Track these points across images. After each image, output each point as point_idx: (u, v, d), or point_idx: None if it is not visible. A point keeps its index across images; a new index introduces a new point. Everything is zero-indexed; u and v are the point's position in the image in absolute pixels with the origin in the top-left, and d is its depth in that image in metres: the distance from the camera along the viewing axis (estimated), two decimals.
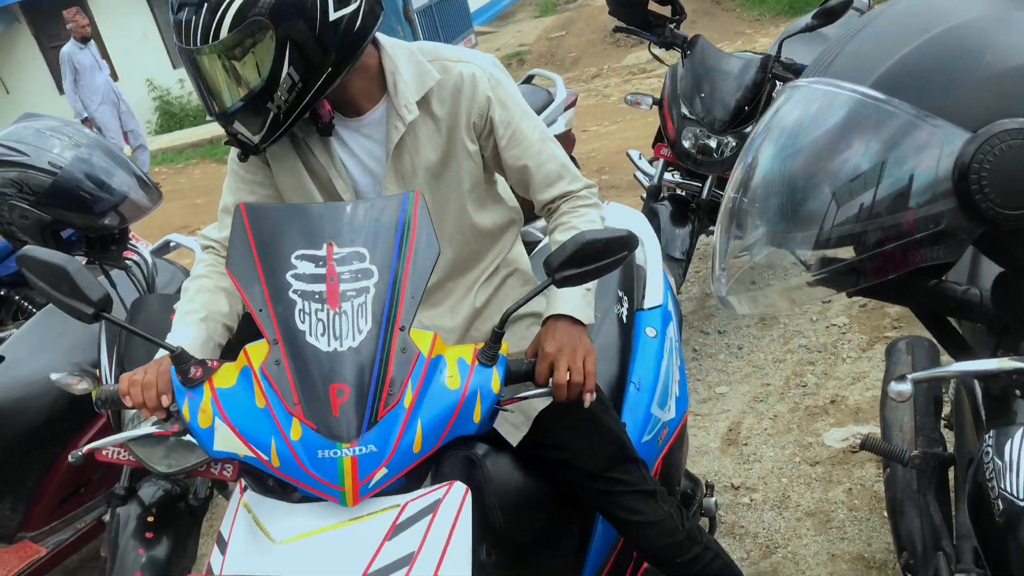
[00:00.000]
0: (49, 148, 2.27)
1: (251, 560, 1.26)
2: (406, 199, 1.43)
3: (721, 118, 3.59)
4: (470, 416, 1.34)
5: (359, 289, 1.34)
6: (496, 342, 1.38)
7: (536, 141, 1.69)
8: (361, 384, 1.28)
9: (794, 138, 1.09)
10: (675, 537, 1.79)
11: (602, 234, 1.36)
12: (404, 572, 1.20)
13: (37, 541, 2.95)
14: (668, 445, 2.14)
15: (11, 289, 4.59)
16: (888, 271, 0.99)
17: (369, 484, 1.26)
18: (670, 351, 2.25)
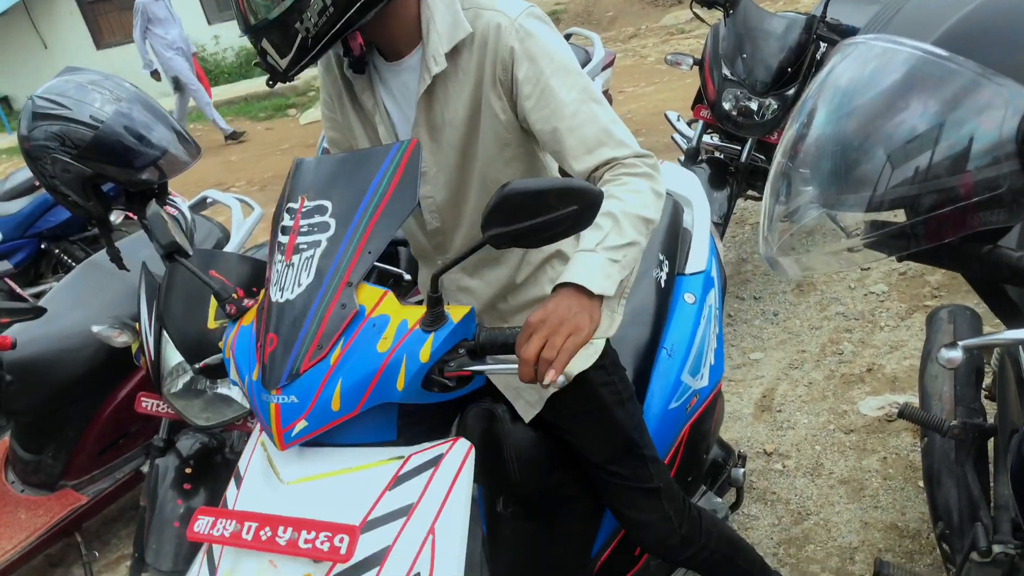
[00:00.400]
0: (90, 102, 2.26)
1: (261, 497, 1.30)
2: (396, 148, 1.38)
3: (763, 80, 3.53)
4: (393, 382, 1.28)
5: (310, 243, 1.34)
6: (433, 306, 1.29)
7: (571, 101, 1.46)
8: (289, 336, 1.28)
9: (849, 98, 1.05)
10: (668, 540, 1.77)
11: (529, 184, 1.21)
12: (402, 522, 1.22)
13: (78, 489, 3.03)
14: (698, 413, 2.13)
15: (51, 243, 4.67)
16: (943, 235, 0.96)
17: (291, 433, 1.27)
18: (708, 319, 2.21)
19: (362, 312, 1.31)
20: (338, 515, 1.22)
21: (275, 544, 1.18)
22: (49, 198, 4.48)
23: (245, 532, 1.21)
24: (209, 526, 1.24)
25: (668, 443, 2.03)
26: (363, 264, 1.32)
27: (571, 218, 1.22)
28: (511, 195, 1.21)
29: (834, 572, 2.36)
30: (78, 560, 3.02)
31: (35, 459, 3.02)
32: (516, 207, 1.21)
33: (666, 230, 2.28)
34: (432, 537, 1.23)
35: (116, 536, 3.23)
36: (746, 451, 2.92)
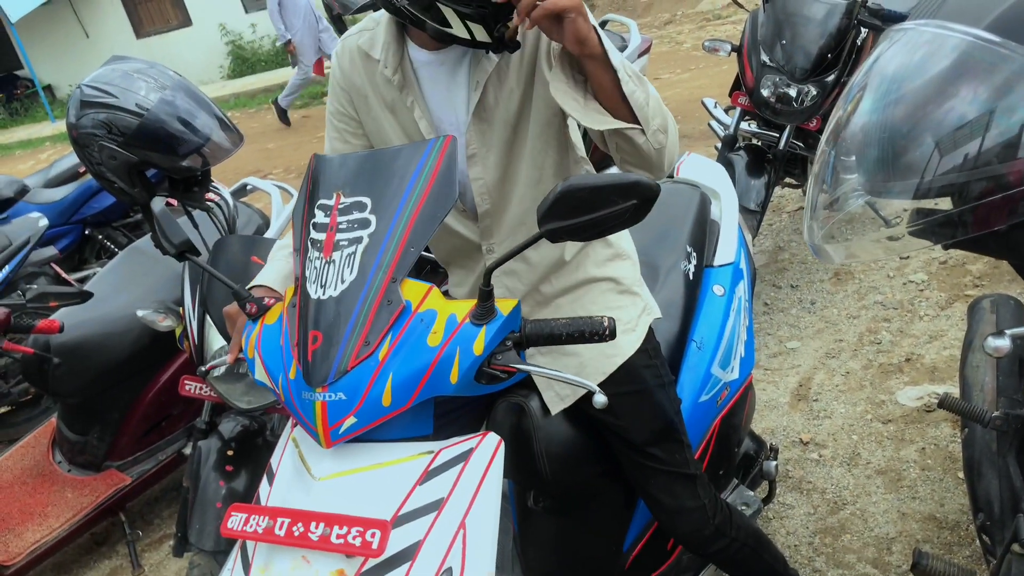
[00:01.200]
0: (136, 90, 2.31)
1: (293, 494, 1.30)
2: (432, 144, 1.39)
3: (802, 66, 3.48)
4: (446, 376, 1.28)
5: (352, 239, 1.34)
6: (484, 300, 1.30)
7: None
8: (335, 333, 1.28)
9: (897, 84, 1.05)
10: (702, 530, 1.75)
11: (589, 180, 1.21)
12: (433, 516, 1.22)
13: (122, 470, 3.11)
14: (728, 406, 2.11)
15: (95, 229, 4.76)
16: (991, 223, 0.95)
17: (339, 430, 1.27)
18: (737, 311, 2.20)
19: (408, 307, 1.31)
20: (369, 510, 1.23)
21: (307, 540, 1.19)
22: (93, 185, 4.57)
23: (278, 528, 1.22)
24: (242, 523, 1.25)
25: (699, 436, 2.02)
26: (406, 260, 1.31)
27: (629, 212, 1.22)
28: (572, 190, 1.20)
29: (871, 562, 2.35)
30: (122, 539, 3.10)
31: (81, 440, 3.10)
32: (576, 202, 1.21)
33: (694, 221, 2.27)
34: (463, 531, 1.24)
35: (159, 516, 3.30)
36: (782, 440, 2.91)
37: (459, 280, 1.81)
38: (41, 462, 3.15)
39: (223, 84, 14.74)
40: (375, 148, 1.71)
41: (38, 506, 2.97)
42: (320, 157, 1.47)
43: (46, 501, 2.99)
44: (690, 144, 6.13)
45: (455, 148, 1.38)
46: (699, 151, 5.93)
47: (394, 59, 1.57)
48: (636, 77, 1.38)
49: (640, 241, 2.02)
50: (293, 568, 1.22)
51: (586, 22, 1.29)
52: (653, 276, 2.10)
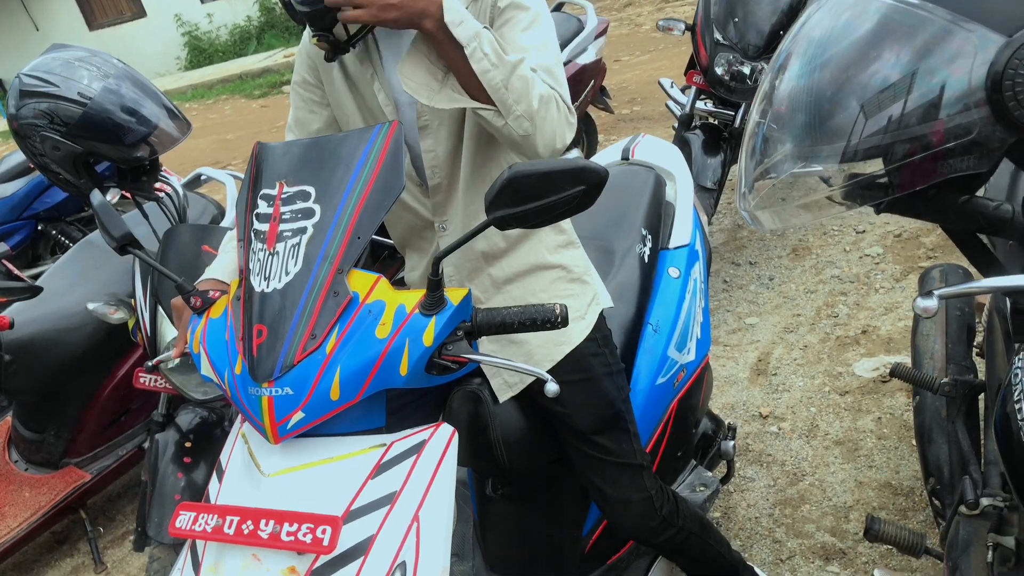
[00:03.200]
0: (78, 79, 2.27)
1: (243, 491, 1.28)
2: (377, 130, 1.36)
3: (755, 44, 3.51)
4: (396, 368, 1.26)
5: (296, 230, 1.31)
6: (434, 289, 1.28)
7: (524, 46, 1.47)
8: (280, 326, 1.25)
9: (822, 49, 1.05)
10: (649, 521, 1.73)
11: (537, 166, 1.19)
12: (386, 510, 1.21)
13: (81, 467, 3.07)
14: (685, 388, 2.11)
15: (48, 224, 4.68)
16: (916, 183, 0.96)
17: (287, 426, 1.24)
18: (693, 292, 2.19)
19: (356, 299, 1.28)
20: (320, 506, 1.20)
21: (257, 538, 1.17)
22: (44, 180, 4.48)
23: (227, 527, 1.19)
24: (191, 522, 1.22)
25: (656, 419, 2.02)
26: (353, 250, 1.29)
27: (577, 198, 1.21)
28: (519, 177, 1.18)
29: (829, 531, 2.39)
30: (83, 536, 3.06)
31: (38, 438, 3.05)
32: (524, 189, 1.19)
33: (649, 204, 2.25)
34: (417, 525, 1.22)
35: (121, 512, 3.27)
36: (741, 414, 2.95)
37: (413, 264, 1.80)
38: None
39: (180, 76, 14.54)
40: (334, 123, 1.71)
41: None
42: (263, 145, 1.45)
43: (3, 501, 2.95)
44: (650, 126, 6.15)
45: (401, 134, 1.36)
46: (658, 132, 5.96)
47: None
48: (498, 58, 1.35)
49: (595, 225, 2.02)
50: (244, 567, 1.20)
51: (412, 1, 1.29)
52: (608, 260, 2.09)
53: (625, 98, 6.89)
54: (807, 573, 2.27)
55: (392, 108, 1.59)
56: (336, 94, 1.65)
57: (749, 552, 2.38)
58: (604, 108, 5.08)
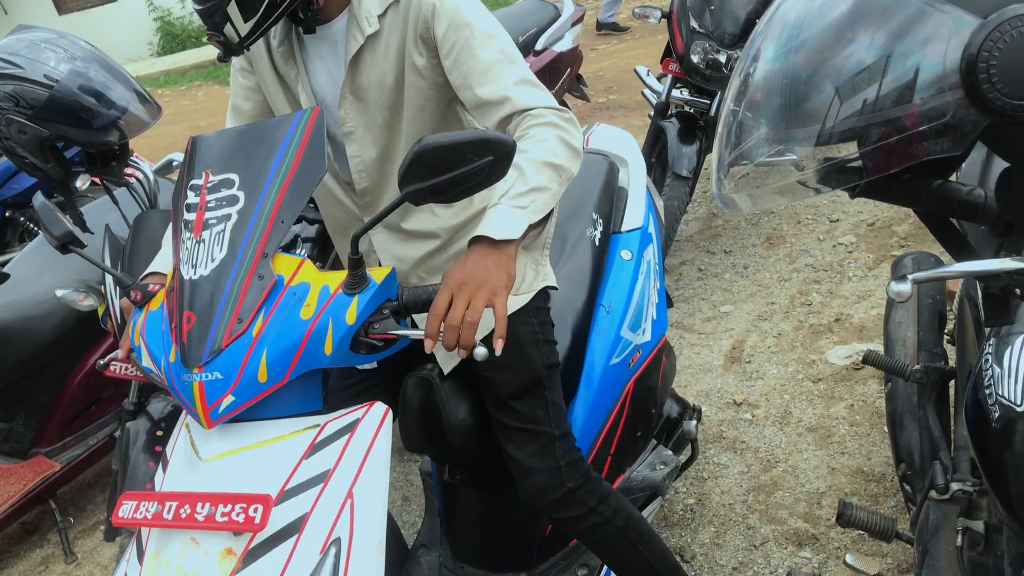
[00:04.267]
0: (45, 61, 2.22)
1: (183, 477, 1.31)
2: (299, 116, 1.38)
3: (731, 31, 3.51)
4: (320, 348, 1.28)
5: (221, 217, 1.33)
6: (355, 268, 1.30)
7: (486, 60, 1.49)
8: (207, 312, 1.28)
9: (797, 32, 1.05)
10: (550, 492, 1.67)
11: (444, 138, 1.21)
12: (319, 488, 1.23)
13: (51, 457, 3.02)
14: (642, 368, 2.12)
15: (15, 210, 4.60)
16: (890, 165, 0.96)
17: (218, 410, 1.27)
18: (647, 274, 2.20)
19: (281, 282, 1.30)
20: (256, 487, 1.23)
21: (194, 520, 1.19)
22: (11, 165, 4.39)
23: (166, 512, 1.21)
24: (133, 510, 1.25)
25: (612, 399, 2.03)
26: (277, 234, 1.31)
27: (487, 169, 1.22)
28: (427, 149, 1.20)
29: (802, 517, 2.41)
30: (54, 527, 3.02)
31: (6, 427, 3.01)
32: (433, 161, 1.21)
33: (601, 189, 2.27)
34: (351, 501, 1.24)
35: (92, 502, 3.23)
36: (716, 401, 2.96)
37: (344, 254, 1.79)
38: None
39: (152, 61, 14.33)
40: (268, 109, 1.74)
41: None
42: (195, 138, 1.47)
43: None
44: (626, 115, 6.15)
45: (323, 120, 1.38)
46: (635, 120, 5.97)
47: (282, 29, 1.61)
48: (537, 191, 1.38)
49: None
50: (183, 550, 1.22)
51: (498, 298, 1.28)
52: (560, 246, 2.11)
53: (601, 86, 6.88)
54: (780, 559, 2.29)
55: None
56: (266, 85, 1.69)
57: (723, 538, 2.39)
58: (580, 96, 5.08)
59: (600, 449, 2.01)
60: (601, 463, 2.03)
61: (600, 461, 2.02)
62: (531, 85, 1.50)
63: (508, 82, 1.48)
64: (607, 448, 2.03)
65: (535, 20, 4.55)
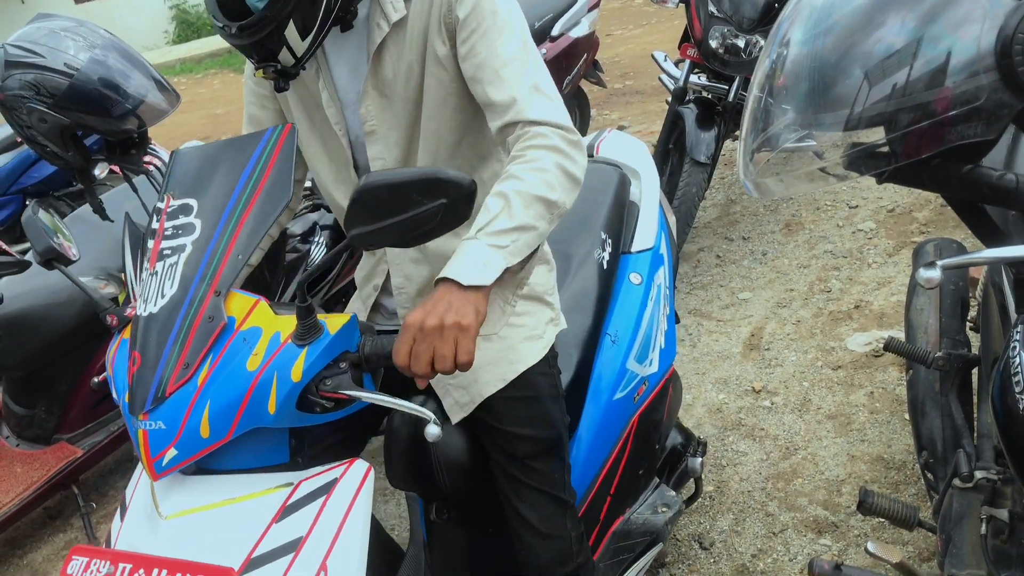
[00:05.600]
0: (64, 49, 2.24)
1: (141, 534, 1.19)
2: (269, 134, 1.26)
3: (750, 16, 3.47)
4: (264, 405, 1.13)
5: (175, 247, 1.21)
6: (304, 317, 1.14)
7: (501, 55, 1.34)
8: (153, 354, 1.15)
9: (825, 16, 1.04)
10: (564, 564, 1.59)
11: (389, 176, 1.07)
12: (290, 558, 1.10)
13: (73, 443, 3.05)
14: (647, 402, 1.99)
15: (36, 199, 4.63)
16: (921, 151, 0.95)
17: (161, 463, 1.14)
18: (656, 300, 2.07)
19: (231, 324, 1.17)
20: (219, 553, 1.10)
21: None
22: (31, 154, 4.43)
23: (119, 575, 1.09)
24: (82, 568, 1.12)
25: (614, 436, 1.90)
26: (232, 270, 1.19)
27: (441, 213, 1.08)
28: (369, 188, 1.06)
29: (821, 504, 2.40)
30: (76, 512, 3.05)
31: (29, 413, 3.03)
32: (378, 203, 1.06)
33: (610, 205, 2.11)
34: (324, 574, 1.11)
35: (113, 487, 3.26)
36: (735, 389, 2.95)
37: (363, 264, 1.69)
38: None
39: (168, 50, 14.37)
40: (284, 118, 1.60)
41: None
42: (176, 153, 1.36)
43: None
44: (643, 100, 6.12)
45: (294, 137, 1.26)
46: (652, 106, 5.94)
47: None
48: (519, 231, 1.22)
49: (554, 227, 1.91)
50: None
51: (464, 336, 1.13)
52: (565, 267, 1.97)
53: (617, 72, 6.84)
54: (800, 547, 2.28)
55: (336, 109, 1.49)
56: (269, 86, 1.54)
57: (742, 525, 2.39)
58: (597, 82, 5.05)
59: (599, 489, 1.87)
60: (600, 504, 1.89)
61: (599, 502, 1.89)
62: (543, 94, 1.36)
63: (520, 86, 1.34)
64: (607, 488, 1.90)
65: (551, 6, 4.52)
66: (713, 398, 2.93)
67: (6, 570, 2.97)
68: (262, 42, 1.28)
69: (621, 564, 1.91)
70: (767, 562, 2.26)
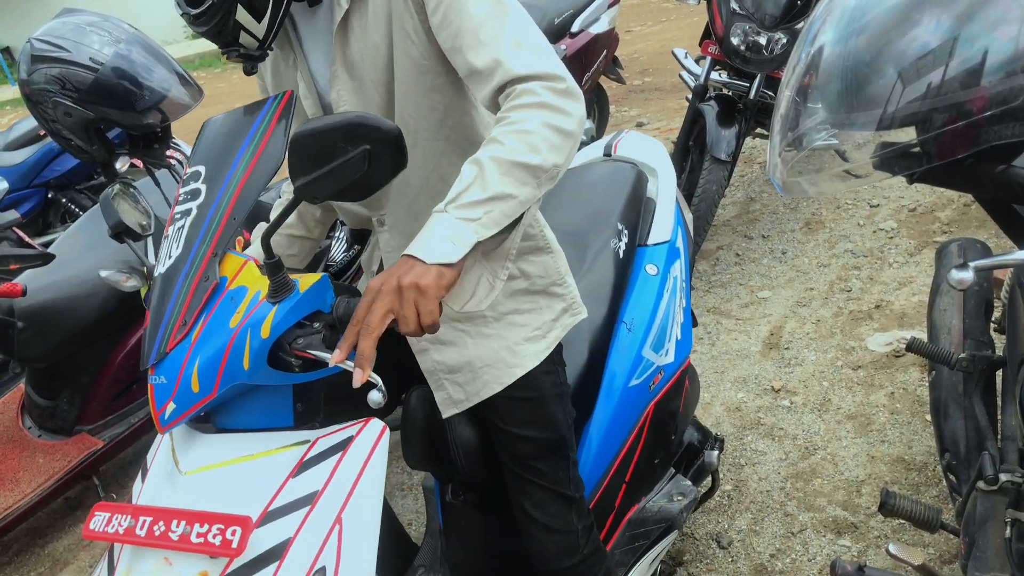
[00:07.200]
0: (89, 44, 2.25)
1: (161, 490, 1.22)
2: (271, 101, 1.28)
3: (772, 13, 3.45)
4: (240, 361, 1.15)
5: (184, 211, 1.26)
6: (273, 274, 1.15)
7: (476, 15, 1.23)
8: (159, 312, 1.21)
9: (858, 15, 1.03)
10: (570, 556, 1.61)
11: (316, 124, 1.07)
12: (305, 511, 1.13)
13: (94, 434, 3.08)
14: (663, 391, 2.01)
15: (58, 192, 4.67)
16: (955, 151, 0.94)
17: (164, 416, 1.18)
18: (672, 291, 2.08)
19: (223, 284, 1.21)
20: (236, 506, 1.13)
21: (168, 539, 1.10)
22: (54, 147, 4.47)
23: (139, 528, 1.12)
24: (104, 522, 1.15)
25: (631, 422, 1.92)
26: (229, 232, 1.22)
27: (367, 160, 1.07)
28: (299, 138, 1.07)
29: (841, 505, 2.39)
30: (96, 502, 3.07)
31: (51, 405, 3.06)
32: (309, 152, 1.07)
33: (628, 199, 2.15)
34: (339, 527, 1.14)
35: (133, 479, 3.27)
36: (754, 387, 2.94)
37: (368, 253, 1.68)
38: (10, 428, 3.10)
39: (188, 44, 14.45)
40: None
41: (9, 472, 2.94)
42: (205, 123, 1.39)
43: (17, 467, 2.96)
44: (661, 97, 6.10)
45: (292, 104, 1.27)
46: (671, 103, 5.92)
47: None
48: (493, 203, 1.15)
49: (571, 220, 1.91)
50: (155, 570, 1.13)
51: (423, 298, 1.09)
52: (581, 256, 2.00)
53: (637, 69, 6.82)
54: (819, 546, 2.27)
55: (312, 100, 1.46)
56: (266, 79, 1.56)
57: (760, 525, 2.38)
58: (616, 79, 5.04)
59: (614, 476, 1.90)
60: (615, 492, 1.91)
61: (614, 490, 1.91)
62: (526, 47, 1.24)
63: (501, 45, 1.22)
64: (622, 475, 1.92)
65: (571, 2, 4.51)
66: (732, 397, 2.92)
67: (27, 559, 3.00)
68: (219, 29, 1.28)
69: (636, 551, 1.94)
70: (785, 562, 2.25)
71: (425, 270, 1.08)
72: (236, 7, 1.25)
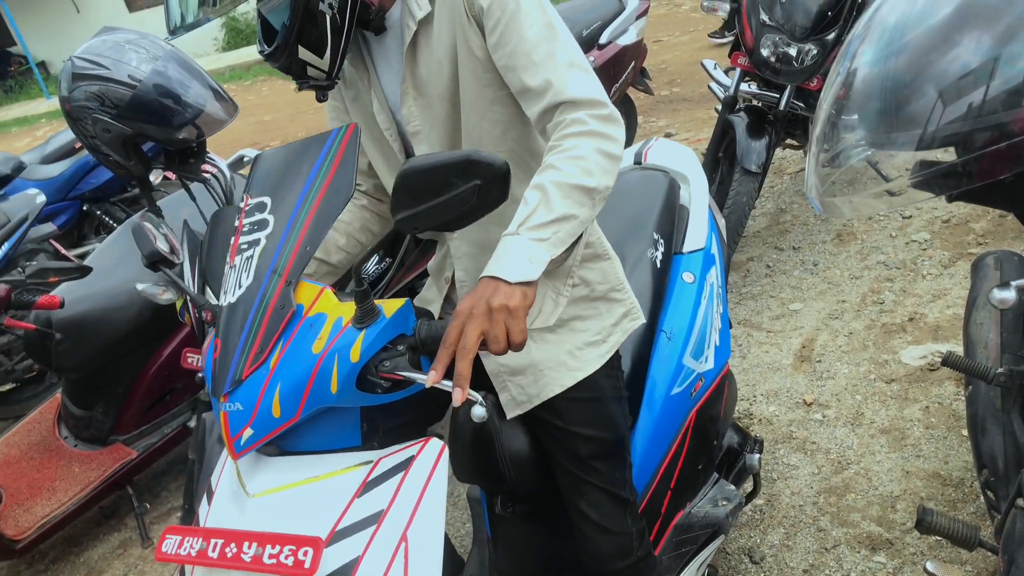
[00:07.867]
0: (128, 61, 2.29)
1: (229, 513, 1.26)
2: (335, 134, 1.32)
3: (802, 24, 3.44)
4: (327, 385, 1.20)
5: (251, 242, 1.31)
6: (361, 301, 1.20)
7: (531, 38, 1.33)
8: (232, 340, 1.25)
9: (899, 35, 1.03)
10: (624, 558, 1.63)
11: (426, 160, 1.12)
12: (372, 530, 1.16)
13: (128, 444, 3.12)
14: (704, 397, 2.03)
15: (93, 204, 4.75)
16: (996, 172, 0.93)
17: (240, 442, 1.22)
18: (710, 298, 2.10)
19: (299, 311, 1.25)
20: (305, 527, 1.17)
21: (241, 561, 1.13)
22: (90, 160, 4.55)
23: (211, 550, 1.16)
24: (176, 545, 1.20)
25: (674, 430, 1.95)
26: (302, 261, 1.27)
27: (477, 194, 1.13)
28: (409, 173, 1.12)
29: (875, 520, 2.36)
30: (130, 512, 3.12)
31: (86, 415, 3.11)
32: (417, 187, 1.12)
33: (661, 208, 2.17)
34: (405, 544, 1.17)
35: (166, 489, 3.32)
36: (786, 401, 2.91)
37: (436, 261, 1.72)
38: (47, 437, 3.16)
39: (218, 57, 14.63)
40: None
41: (46, 481, 2.99)
42: (257, 157, 1.45)
43: (54, 476, 3.01)
44: (690, 107, 6.08)
45: (358, 137, 1.32)
46: (700, 113, 5.90)
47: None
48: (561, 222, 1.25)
49: (605, 231, 1.96)
50: None
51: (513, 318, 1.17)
52: None
53: (665, 79, 6.81)
54: (853, 563, 2.25)
55: (386, 115, 1.54)
56: (341, 98, 1.63)
57: (793, 540, 2.36)
58: (644, 90, 5.03)
59: (660, 483, 1.92)
60: (661, 498, 1.94)
61: (660, 496, 1.93)
62: (579, 68, 1.35)
63: (554, 66, 1.33)
64: (667, 482, 1.94)
65: (599, 14, 4.52)
66: (763, 410, 2.90)
67: (63, 567, 3.05)
68: (287, 67, 1.40)
69: (684, 556, 1.95)
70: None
71: (511, 291, 1.16)
72: (297, 48, 1.37)
